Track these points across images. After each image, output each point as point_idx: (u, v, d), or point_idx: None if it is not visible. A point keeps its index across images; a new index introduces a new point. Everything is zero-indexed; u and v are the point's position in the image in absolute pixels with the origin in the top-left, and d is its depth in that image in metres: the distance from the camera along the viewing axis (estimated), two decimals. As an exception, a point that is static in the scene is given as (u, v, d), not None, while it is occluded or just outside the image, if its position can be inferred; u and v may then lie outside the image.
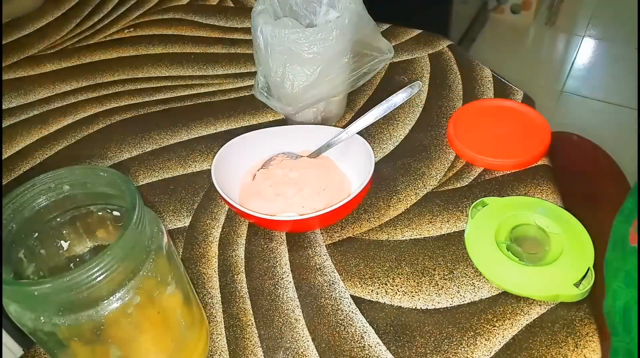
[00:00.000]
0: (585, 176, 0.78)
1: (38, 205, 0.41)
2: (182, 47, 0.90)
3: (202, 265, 0.59)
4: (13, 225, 0.40)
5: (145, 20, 0.97)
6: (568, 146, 0.85)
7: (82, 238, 0.46)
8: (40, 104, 0.82)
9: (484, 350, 0.50)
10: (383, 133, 0.72)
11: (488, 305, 0.53)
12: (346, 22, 0.63)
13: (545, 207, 0.58)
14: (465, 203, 0.62)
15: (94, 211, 0.44)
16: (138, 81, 0.84)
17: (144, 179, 0.69)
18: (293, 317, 0.54)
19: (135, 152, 0.73)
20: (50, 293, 0.35)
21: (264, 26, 0.63)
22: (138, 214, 0.38)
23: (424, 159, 0.68)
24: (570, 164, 0.78)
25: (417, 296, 0.54)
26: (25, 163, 0.73)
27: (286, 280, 0.57)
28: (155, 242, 0.41)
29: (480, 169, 0.66)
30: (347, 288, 0.56)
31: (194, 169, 0.70)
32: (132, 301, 0.38)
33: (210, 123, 0.76)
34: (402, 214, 0.62)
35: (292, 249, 0.60)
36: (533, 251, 0.54)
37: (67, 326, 0.37)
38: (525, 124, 0.69)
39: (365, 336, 0.52)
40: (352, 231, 0.61)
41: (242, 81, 0.83)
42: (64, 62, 0.89)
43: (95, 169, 0.41)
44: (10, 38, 0.96)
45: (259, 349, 0.52)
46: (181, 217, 0.64)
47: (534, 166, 0.65)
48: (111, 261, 0.36)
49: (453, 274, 0.56)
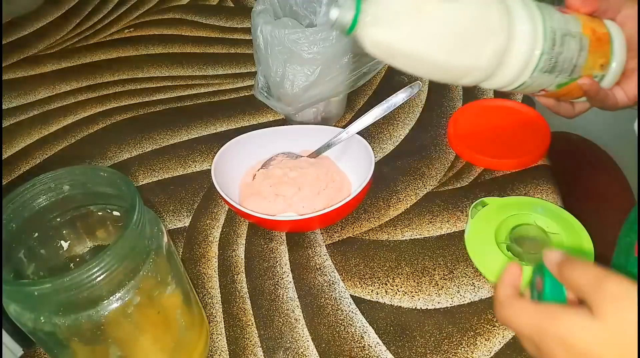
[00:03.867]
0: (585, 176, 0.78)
1: (38, 205, 0.41)
2: (182, 47, 0.90)
3: (202, 265, 0.59)
4: (13, 224, 0.40)
5: (145, 20, 0.97)
6: (568, 146, 0.85)
7: (82, 238, 0.46)
8: (40, 104, 0.82)
9: (483, 350, 0.50)
10: (383, 133, 0.72)
11: (488, 305, 0.53)
12: (346, 22, 0.63)
13: (545, 207, 0.58)
14: (465, 203, 0.62)
15: (94, 211, 0.44)
16: (138, 81, 0.84)
17: (144, 180, 0.69)
18: (293, 317, 0.54)
19: (135, 152, 0.73)
20: (50, 293, 0.35)
21: (264, 26, 0.63)
22: (138, 215, 0.38)
23: (424, 159, 0.68)
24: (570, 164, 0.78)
25: (417, 296, 0.54)
26: (25, 163, 0.73)
27: (286, 280, 0.57)
28: (155, 242, 0.41)
29: (480, 169, 0.66)
30: (347, 288, 0.56)
31: (194, 169, 0.70)
32: (132, 301, 0.38)
33: (210, 123, 0.76)
34: (402, 214, 0.62)
35: (292, 249, 0.60)
36: (533, 251, 0.54)
37: (67, 326, 0.37)
38: (525, 124, 0.69)
39: (365, 336, 0.52)
40: (352, 231, 0.61)
41: (242, 81, 0.83)
42: (64, 63, 0.89)
43: (95, 169, 0.41)
44: (10, 38, 0.96)
45: (259, 349, 0.52)
46: (181, 217, 0.64)
47: (534, 166, 0.65)
48: (111, 261, 0.36)
49: (453, 274, 0.56)
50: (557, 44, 0.45)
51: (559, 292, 0.34)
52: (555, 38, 0.45)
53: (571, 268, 0.33)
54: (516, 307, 0.34)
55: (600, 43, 0.47)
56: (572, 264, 0.33)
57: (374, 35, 0.45)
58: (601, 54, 0.47)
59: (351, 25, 0.44)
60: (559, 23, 0.46)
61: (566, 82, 0.48)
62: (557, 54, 0.46)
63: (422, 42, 0.45)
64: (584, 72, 0.47)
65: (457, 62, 0.46)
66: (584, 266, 0.32)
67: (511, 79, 0.47)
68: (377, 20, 0.44)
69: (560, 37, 0.45)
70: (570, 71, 0.47)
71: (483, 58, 0.46)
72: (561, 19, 0.46)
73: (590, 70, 0.47)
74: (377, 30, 0.44)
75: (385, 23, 0.44)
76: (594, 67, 0.47)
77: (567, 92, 0.49)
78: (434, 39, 0.45)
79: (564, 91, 0.49)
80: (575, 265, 0.32)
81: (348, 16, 0.44)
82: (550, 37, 0.45)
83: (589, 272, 0.31)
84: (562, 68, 0.46)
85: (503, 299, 0.36)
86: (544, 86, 0.48)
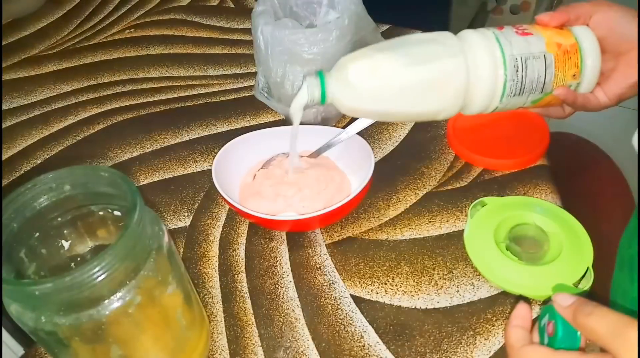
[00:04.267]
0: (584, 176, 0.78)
1: (39, 205, 0.41)
2: (182, 47, 0.90)
3: (203, 264, 0.59)
4: (14, 224, 0.40)
5: (146, 20, 0.97)
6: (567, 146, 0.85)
7: (83, 237, 0.46)
8: (41, 104, 0.82)
9: (483, 349, 0.50)
10: (383, 133, 0.72)
11: (487, 304, 0.53)
12: (346, 23, 0.64)
13: (544, 207, 0.58)
14: (464, 202, 0.62)
15: (94, 211, 0.44)
16: (139, 81, 0.85)
17: (145, 179, 0.69)
18: (293, 316, 0.54)
19: (136, 152, 0.73)
20: (51, 293, 0.35)
21: (264, 27, 0.64)
22: (139, 214, 0.38)
23: (424, 159, 0.68)
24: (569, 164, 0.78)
25: (416, 295, 0.54)
26: (26, 163, 0.73)
27: (286, 279, 0.57)
28: (156, 242, 0.41)
29: (480, 169, 0.66)
30: (347, 288, 0.56)
31: (194, 169, 0.70)
32: (133, 300, 0.38)
33: (210, 123, 0.76)
34: (402, 214, 0.62)
35: (292, 249, 0.60)
36: (532, 251, 0.54)
37: (68, 325, 0.37)
38: (525, 124, 0.69)
39: (365, 335, 0.52)
40: (352, 231, 0.61)
41: (242, 81, 0.83)
42: (65, 63, 0.89)
43: (96, 169, 0.42)
44: (11, 38, 0.96)
45: (259, 348, 0.52)
46: (182, 217, 0.65)
47: (533, 166, 0.66)
48: (112, 261, 0.36)
49: (452, 273, 0.56)
50: (520, 68, 0.47)
51: (573, 338, 0.33)
52: (517, 64, 0.47)
53: (587, 314, 0.32)
54: (533, 356, 0.33)
55: (567, 55, 0.47)
56: (587, 309, 0.32)
57: (343, 103, 0.49)
58: (570, 65, 0.48)
59: (322, 98, 0.49)
60: (520, 48, 0.47)
61: (540, 98, 0.49)
62: (521, 77, 0.47)
63: (386, 103, 0.49)
64: (556, 86, 0.48)
65: (424, 109, 0.50)
66: (601, 313, 0.31)
67: (482, 108, 0.50)
68: (341, 92, 0.49)
69: (523, 61, 0.46)
70: (541, 89, 0.48)
71: (448, 100, 0.49)
72: (522, 42, 0.47)
73: (562, 82, 0.48)
74: (343, 99, 0.50)
75: (347, 93, 0.49)
76: (566, 78, 0.48)
77: (547, 103, 0.51)
78: (396, 99, 0.48)
79: (543, 103, 0.50)
80: (591, 311, 0.31)
81: (316, 92, 0.49)
82: (511, 64, 0.47)
83: (608, 319, 0.30)
84: (531, 88, 0.48)
85: (517, 346, 0.35)
86: (518, 105, 0.50)
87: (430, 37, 0.48)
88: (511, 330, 0.36)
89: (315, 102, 0.50)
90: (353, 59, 0.48)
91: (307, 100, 0.50)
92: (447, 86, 0.47)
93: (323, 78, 0.49)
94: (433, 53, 0.47)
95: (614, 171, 0.79)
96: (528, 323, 0.37)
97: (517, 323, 0.37)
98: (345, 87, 0.48)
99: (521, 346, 0.35)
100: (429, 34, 0.48)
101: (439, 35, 0.48)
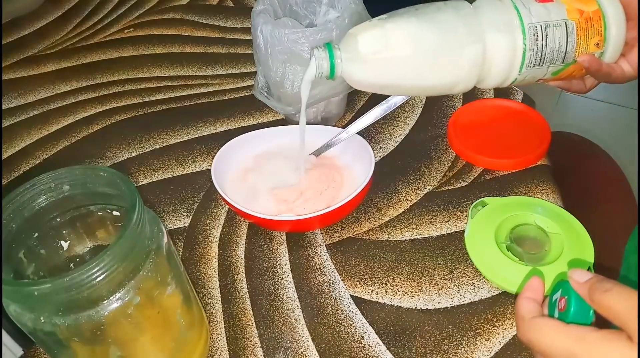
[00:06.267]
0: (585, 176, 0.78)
1: (38, 205, 0.41)
2: (182, 47, 0.90)
3: (202, 265, 0.59)
4: (13, 224, 0.40)
5: (145, 20, 0.97)
6: (568, 146, 0.84)
7: (82, 238, 0.46)
8: (40, 104, 0.82)
9: (484, 350, 0.50)
10: (383, 133, 0.72)
11: (488, 305, 0.53)
12: (346, 22, 0.63)
13: (545, 207, 0.58)
14: (465, 203, 0.62)
15: (94, 211, 0.44)
16: (138, 81, 0.84)
17: (144, 179, 0.69)
18: (293, 317, 0.54)
19: (135, 152, 0.73)
20: (50, 293, 0.35)
21: (264, 26, 0.63)
22: (138, 215, 0.38)
23: (424, 159, 0.68)
24: (570, 164, 0.78)
25: (417, 296, 0.54)
26: (25, 163, 0.73)
27: (286, 280, 0.57)
28: (155, 242, 0.41)
29: (480, 169, 0.66)
30: (347, 288, 0.56)
31: (194, 169, 0.70)
32: (132, 301, 0.38)
33: (210, 123, 0.76)
34: (402, 214, 0.62)
35: (292, 249, 0.60)
36: (533, 251, 0.54)
37: (67, 326, 0.37)
38: (525, 124, 0.69)
39: (365, 336, 0.52)
40: (352, 231, 0.61)
41: (242, 81, 0.83)
42: (64, 62, 0.89)
43: (95, 169, 0.41)
44: (10, 38, 0.96)
45: (259, 349, 0.52)
46: (181, 217, 0.64)
47: (533, 166, 0.66)
48: (111, 261, 0.36)
49: (453, 274, 0.56)
50: (539, 37, 0.45)
51: (585, 315, 0.33)
52: (537, 32, 0.45)
53: (604, 291, 0.31)
54: (544, 329, 0.32)
55: (590, 23, 0.45)
56: (605, 286, 0.31)
57: (352, 76, 0.47)
58: (593, 33, 0.45)
59: (331, 71, 0.46)
60: (539, 16, 0.45)
61: (561, 69, 0.47)
62: (541, 46, 0.45)
63: (397, 75, 0.46)
64: (578, 56, 0.46)
65: (439, 82, 0.47)
66: (620, 291, 0.30)
67: (500, 80, 0.47)
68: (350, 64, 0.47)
69: (543, 29, 0.45)
70: (562, 59, 0.46)
71: (463, 72, 0.46)
72: (541, 10, 0.45)
73: (585, 51, 0.46)
74: (353, 71, 0.47)
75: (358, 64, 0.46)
76: (588, 47, 0.46)
77: (567, 75, 0.48)
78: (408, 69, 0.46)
79: (564, 75, 0.48)
80: (609, 289, 0.31)
81: (325, 65, 0.46)
82: (531, 33, 0.45)
83: (627, 298, 0.30)
84: (551, 58, 0.46)
85: (527, 317, 0.34)
86: (538, 77, 0.48)
87: (444, 5, 0.46)
88: (522, 301, 0.35)
89: (324, 75, 0.47)
90: (362, 29, 0.46)
91: (316, 73, 0.47)
92: (462, 57, 0.44)
93: (332, 50, 0.46)
94: (447, 21, 0.44)
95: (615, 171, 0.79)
96: (540, 297, 0.36)
97: (529, 295, 0.36)
98: (355, 58, 0.45)
99: (532, 318, 0.34)
100: (443, 2, 0.46)
101: (453, 3, 0.46)
